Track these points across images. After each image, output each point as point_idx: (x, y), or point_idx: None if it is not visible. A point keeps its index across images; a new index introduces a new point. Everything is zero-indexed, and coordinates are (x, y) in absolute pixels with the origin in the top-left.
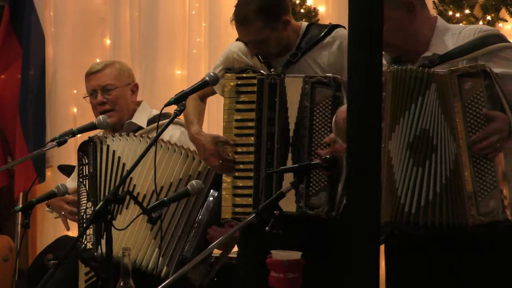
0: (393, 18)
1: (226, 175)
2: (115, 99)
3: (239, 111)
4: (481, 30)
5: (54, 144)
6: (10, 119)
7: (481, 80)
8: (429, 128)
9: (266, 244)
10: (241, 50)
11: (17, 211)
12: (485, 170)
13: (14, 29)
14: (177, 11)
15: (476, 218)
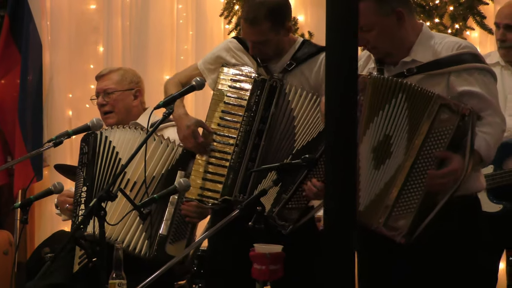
0: (383, 25)
1: (199, 155)
2: (114, 102)
3: (226, 104)
4: (459, 46)
5: (51, 144)
6: (9, 121)
7: (457, 119)
8: (392, 135)
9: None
10: (238, 49)
11: (16, 208)
12: (412, 194)
13: (13, 37)
14: (165, 20)
15: (380, 227)
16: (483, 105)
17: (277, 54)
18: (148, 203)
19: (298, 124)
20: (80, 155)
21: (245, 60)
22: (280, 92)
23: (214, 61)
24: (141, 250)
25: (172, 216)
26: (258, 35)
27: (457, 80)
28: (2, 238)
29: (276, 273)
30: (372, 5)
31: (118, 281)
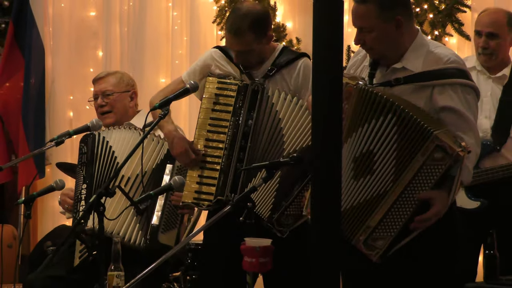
0: (381, 29)
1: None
2: (113, 102)
3: (214, 111)
4: (448, 60)
5: (53, 144)
6: (13, 122)
7: (449, 160)
8: (376, 152)
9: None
10: (221, 57)
11: (20, 203)
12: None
13: (17, 43)
14: (161, 26)
15: (360, 244)
16: (462, 123)
17: (259, 61)
18: (144, 199)
19: (285, 126)
20: (79, 155)
21: (228, 68)
22: (262, 96)
23: (199, 72)
24: (136, 241)
25: (162, 207)
26: (242, 45)
27: (440, 95)
28: (7, 232)
29: (266, 265)
30: (374, 9)
31: (116, 273)
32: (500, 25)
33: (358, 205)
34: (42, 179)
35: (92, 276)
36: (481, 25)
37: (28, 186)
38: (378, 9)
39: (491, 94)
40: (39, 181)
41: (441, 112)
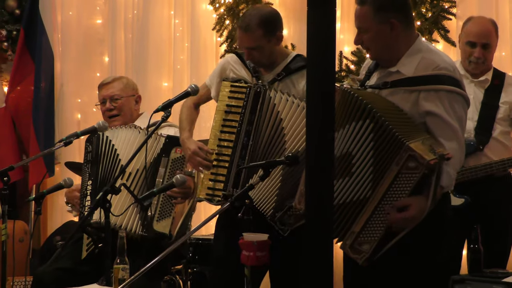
0: (375, 31)
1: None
2: (120, 106)
3: (227, 113)
4: (437, 67)
5: (62, 144)
6: (24, 123)
7: (422, 168)
8: (354, 155)
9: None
10: (236, 62)
11: (31, 200)
12: (376, 225)
13: (28, 49)
14: (164, 33)
15: (346, 248)
16: (445, 129)
17: (270, 63)
18: (148, 196)
19: (287, 126)
20: (85, 153)
21: (242, 72)
22: (264, 97)
23: (217, 75)
24: (132, 229)
25: (157, 198)
26: (252, 41)
27: (425, 100)
28: (18, 228)
29: (263, 259)
30: (370, 11)
31: (121, 265)
32: (491, 35)
33: (339, 206)
34: (52, 177)
35: (98, 268)
36: (475, 36)
37: (38, 184)
38: (373, 11)
39: (474, 97)
40: (49, 179)
41: (426, 116)
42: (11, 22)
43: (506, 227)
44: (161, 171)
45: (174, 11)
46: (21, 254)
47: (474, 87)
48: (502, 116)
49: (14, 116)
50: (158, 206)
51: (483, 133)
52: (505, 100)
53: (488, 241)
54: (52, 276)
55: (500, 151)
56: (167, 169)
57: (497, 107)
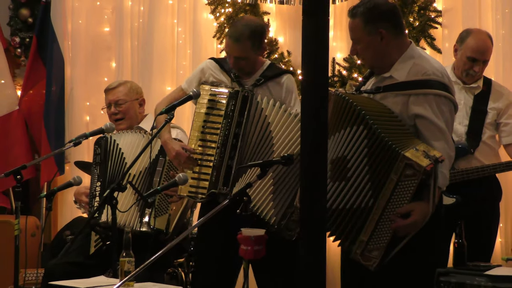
0: (367, 41)
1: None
2: (125, 110)
3: (208, 115)
4: (426, 73)
5: (71, 144)
6: (36, 125)
7: (420, 175)
8: (349, 159)
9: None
10: (215, 67)
11: (42, 197)
12: (383, 232)
13: (40, 55)
14: (167, 40)
15: (357, 257)
16: (433, 130)
17: (250, 71)
18: (152, 194)
19: (274, 129)
20: (94, 155)
21: (221, 77)
22: (252, 101)
23: (196, 80)
24: (135, 226)
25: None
26: (240, 51)
27: (415, 103)
28: (30, 223)
29: (260, 252)
30: (360, 23)
31: (127, 259)
32: (490, 51)
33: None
34: (62, 175)
35: (106, 261)
36: (477, 53)
37: (49, 182)
38: (363, 23)
39: (464, 103)
40: (59, 177)
41: (415, 118)
42: (24, 30)
43: (490, 224)
44: (158, 170)
45: (177, 20)
46: (33, 248)
47: (465, 93)
48: (490, 121)
49: (27, 118)
50: (155, 204)
51: (473, 137)
52: (493, 106)
53: (473, 236)
54: (62, 268)
55: (489, 154)
56: (163, 169)
57: (486, 113)
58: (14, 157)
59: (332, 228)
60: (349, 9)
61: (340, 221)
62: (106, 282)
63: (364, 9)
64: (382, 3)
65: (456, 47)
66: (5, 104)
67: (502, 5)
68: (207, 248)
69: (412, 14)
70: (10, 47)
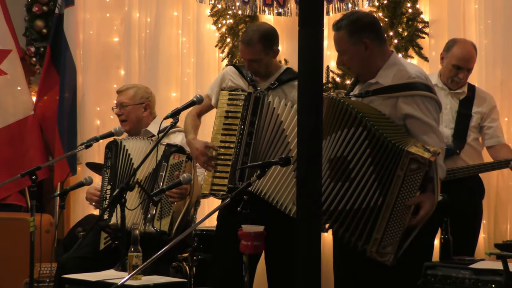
0: (352, 51)
1: (207, 170)
2: (127, 113)
3: (227, 118)
4: (410, 76)
5: (83, 147)
6: (50, 128)
7: (424, 167)
8: (351, 160)
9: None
10: (234, 73)
11: (56, 196)
12: (395, 227)
13: (53, 63)
14: (172, 50)
15: (373, 254)
16: (424, 127)
17: (266, 74)
18: (158, 193)
19: (288, 128)
20: (105, 159)
21: (239, 82)
22: (264, 101)
23: (218, 85)
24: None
25: (158, 199)
26: (252, 54)
27: (404, 104)
28: (45, 220)
29: (259, 247)
30: (344, 35)
31: (135, 253)
32: (474, 60)
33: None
34: (74, 176)
35: (115, 256)
36: (461, 61)
37: (62, 182)
38: (348, 35)
39: (450, 107)
40: (72, 177)
41: (405, 118)
42: (39, 40)
43: (474, 221)
44: (161, 175)
45: (181, 31)
46: (47, 244)
47: (451, 98)
48: (474, 124)
49: (41, 122)
50: (159, 206)
51: (459, 139)
52: (477, 110)
53: (459, 232)
54: (75, 262)
55: (473, 155)
56: (166, 173)
57: (470, 116)
58: (29, 159)
59: (341, 229)
60: (333, 23)
61: (349, 222)
62: (116, 275)
63: (347, 21)
64: (363, 15)
65: (442, 55)
66: (21, 109)
67: (485, 16)
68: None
69: (401, 25)
70: (26, 56)
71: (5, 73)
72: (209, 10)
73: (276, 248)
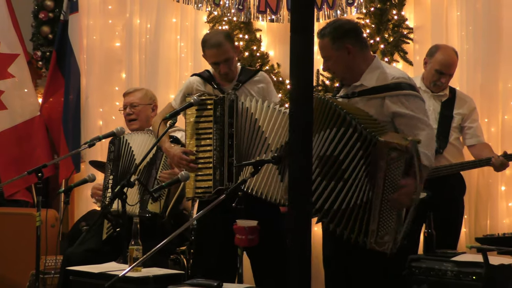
0: (335, 56)
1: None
2: (138, 112)
3: (198, 123)
4: (393, 77)
5: (86, 146)
6: (56, 129)
7: (404, 153)
8: (342, 158)
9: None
10: (199, 81)
11: (61, 193)
12: (388, 216)
13: (59, 67)
14: (171, 54)
15: (372, 245)
16: (414, 123)
17: (234, 75)
18: (158, 189)
19: (263, 124)
20: (108, 153)
21: (204, 88)
22: (237, 103)
23: (182, 95)
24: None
25: (152, 184)
26: (225, 53)
27: (391, 103)
28: (50, 215)
29: (253, 241)
30: (328, 42)
31: (135, 247)
32: (456, 65)
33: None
34: (78, 173)
35: (117, 249)
36: (444, 67)
37: (67, 179)
38: (331, 41)
39: (433, 109)
40: (76, 175)
41: (393, 117)
42: (45, 45)
43: (456, 216)
44: (157, 163)
45: (180, 36)
46: (52, 237)
47: (433, 101)
48: (456, 125)
49: (47, 122)
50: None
51: (442, 139)
52: (458, 111)
53: (441, 227)
54: (78, 255)
55: (455, 153)
56: (161, 161)
57: (452, 117)
58: (36, 157)
59: (339, 227)
60: (318, 32)
61: (346, 219)
62: (117, 267)
63: (330, 29)
64: (345, 22)
65: (426, 60)
66: (28, 111)
67: (466, 23)
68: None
69: (387, 30)
70: (32, 60)
71: (13, 76)
72: (206, 17)
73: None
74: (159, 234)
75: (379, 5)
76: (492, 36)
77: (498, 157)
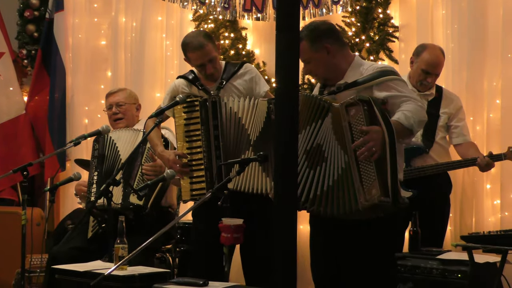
0: (315, 58)
1: (184, 177)
2: (124, 111)
3: (187, 125)
4: (377, 67)
5: (72, 144)
6: (41, 127)
7: (361, 107)
8: (323, 144)
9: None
10: (184, 83)
11: (46, 191)
12: (367, 169)
13: (44, 65)
14: (157, 52)
15: (364, 203)
16: (401, 99)
17: (218, 75)
18: (144, 187)
19: (246, 121)
20: (92, 150)
21: (190, 90)
22: (220, 104)
23: (170, 98)
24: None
25: (134, 176)
26: (208, 54)
27: (379, 92)
28: (36, 214)
29: (239, 239)
30: (307, 44)
31: (121, 245)
32: (442, 65)
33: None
34: (63, 172)
35: (103, 247)
36: (430, 67)
37: (52, 178)
38: (309, 43)
39: None
40: (61, 173)
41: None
42: (30, 43)
43: (441, 214)
44: (139, 157)
45: (165, 35)
46: (38, 236)
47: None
48: (442, 124)
49: (32, 121)
50: (135, 183)
51: (428, 138)
52: (445, 110)
53: (427, 225)
54: (64, 254)
55: (442, 153)
56: (142, 155)
57: (438, 116)
58: (21, 156)
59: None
60: None
61: (333, 198)
62: (103, 266)
63: (307, 32)
64: (321, 23)
65: (412, 59)
66: (14, 109)
67: (452, 22)
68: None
69: (373, 29)
70: (18, 58)
71: None
72: (191, 15)
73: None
74: (144, 230)
75: (364, 3)
76: (478, 34)
77: (483, 157)
